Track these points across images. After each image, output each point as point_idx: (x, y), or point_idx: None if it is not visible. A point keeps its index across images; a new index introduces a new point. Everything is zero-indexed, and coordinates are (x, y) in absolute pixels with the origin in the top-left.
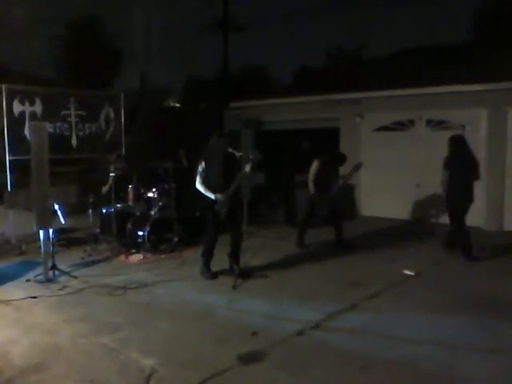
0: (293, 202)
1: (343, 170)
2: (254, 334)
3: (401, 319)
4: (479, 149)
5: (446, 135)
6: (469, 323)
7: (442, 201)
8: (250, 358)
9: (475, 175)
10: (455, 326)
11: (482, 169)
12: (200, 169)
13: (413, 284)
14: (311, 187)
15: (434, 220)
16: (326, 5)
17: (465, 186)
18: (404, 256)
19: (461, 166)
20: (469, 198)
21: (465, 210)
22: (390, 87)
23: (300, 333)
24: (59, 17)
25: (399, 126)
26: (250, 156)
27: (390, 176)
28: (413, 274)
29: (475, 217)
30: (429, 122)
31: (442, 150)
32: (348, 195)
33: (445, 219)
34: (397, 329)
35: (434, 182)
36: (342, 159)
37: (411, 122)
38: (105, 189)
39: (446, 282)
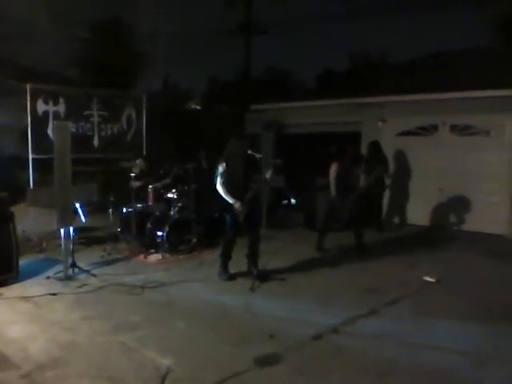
0: (313, 206)
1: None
2: (271, 336)
3: (420, 326)
4: (503, 154)
5: (470, 141)
6: (491, 332)
7: (465, 206)
8: (266, 361)
9: (386, 170)
10: (477, 335)
11: (506, 175)
12: (221, 169)
13: (433, 291)
14: (332, 190)
15: (456, 226)
16: (351, 8)
17: (379, 179)
18: (425, 262)
19: (377, 164)
20: (384, 188)
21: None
22: (413, 92)
23: (318, 337)
24: (83, 18)
25: (422, 130)
26: (274, 162)
27: (412, 181)
28: (433, 280)
29: (497, 224)
30: (453, 128)
31: (466, 156)
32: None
33: (468, 226)
34: (416, 336)
35: (458, 188)
36: (359, 159)
37: (435, 127)
38: (134, 184)
39: (468, 289)
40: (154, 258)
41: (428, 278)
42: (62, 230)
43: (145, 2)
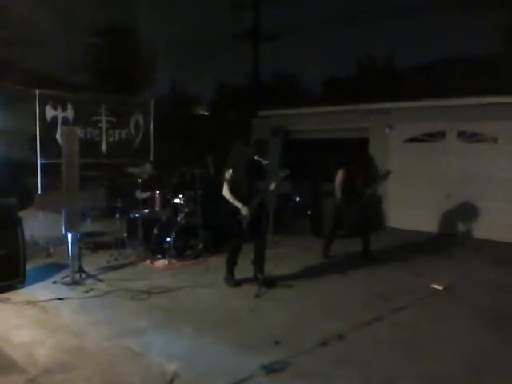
0: (319, 212)
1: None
2: (277, 342)
3: (427, 334)
4: (511, 161)
5: (478, 147)
6: (499, 341)
7: (472, 213)
8: (272, 367)
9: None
10: (484, 344)
11: None
12: (227, 176)
13: (441, 298)
14: (339, 196)
15: (464, 233)
16: (357, 14)
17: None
18: (432, 270)
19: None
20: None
21: None
22: (421, 98)
23: (324, 343)
24: (92, 24)
25: (430, 137)
26: (281, 174)
27: (419, 188)
28: (441, 288)
29: (505, 232)
30: (460, 134)
31: (474, 163)
32: (375, 206)
33: (476, 233)
34: (422, 343)
35: (465, 195)
36: (367, 164)
37: (442, 134)
38: (144, 195)
39: (476, 297)
40: (161, 263)
41: (435, 286)
42: (69, 235)
43: (153, 9)
